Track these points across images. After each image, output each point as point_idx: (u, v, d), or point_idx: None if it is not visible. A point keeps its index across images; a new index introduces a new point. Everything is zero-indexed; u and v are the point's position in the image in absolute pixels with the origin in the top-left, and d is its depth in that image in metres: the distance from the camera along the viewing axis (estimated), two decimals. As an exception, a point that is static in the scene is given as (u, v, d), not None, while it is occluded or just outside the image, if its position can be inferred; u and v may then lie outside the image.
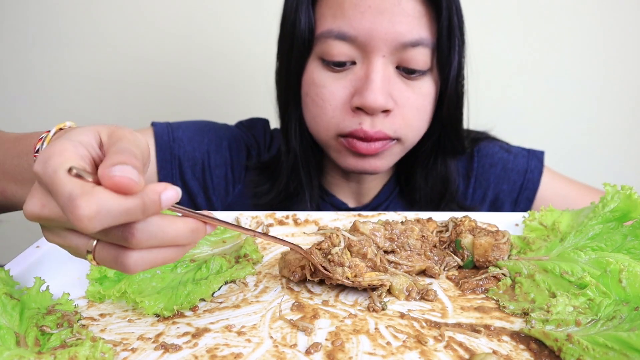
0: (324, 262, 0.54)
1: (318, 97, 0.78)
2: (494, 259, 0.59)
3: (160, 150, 0.88)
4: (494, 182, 0.94)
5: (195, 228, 0.43)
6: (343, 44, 0.74)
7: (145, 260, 0.42)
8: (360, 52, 0.74)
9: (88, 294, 0.53)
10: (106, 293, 0.52)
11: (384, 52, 0.73)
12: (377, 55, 0.73)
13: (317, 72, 0.77)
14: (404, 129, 0.78)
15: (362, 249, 0.56)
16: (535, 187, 0.93)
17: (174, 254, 0.43)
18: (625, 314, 0.45)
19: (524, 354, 0.44)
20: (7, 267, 0.53)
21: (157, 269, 0.56)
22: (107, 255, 0.41)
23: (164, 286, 0.53)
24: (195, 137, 0.91)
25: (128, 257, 0.40)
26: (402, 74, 0.76)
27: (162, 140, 0.88)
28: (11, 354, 0.39)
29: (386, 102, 0.73)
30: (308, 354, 0.44)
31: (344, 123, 0.76)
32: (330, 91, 0.76)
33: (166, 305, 0.50)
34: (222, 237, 0.64)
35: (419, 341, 0.46)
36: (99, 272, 0.54)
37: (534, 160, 0.94)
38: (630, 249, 0.55)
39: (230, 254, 0.62)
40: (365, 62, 0.75)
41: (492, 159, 0.95)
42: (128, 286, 0.51)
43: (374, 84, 0.72)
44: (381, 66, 0.73)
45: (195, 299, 0.52)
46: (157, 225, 0.41)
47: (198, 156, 0.90)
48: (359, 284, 0.53)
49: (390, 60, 0.74)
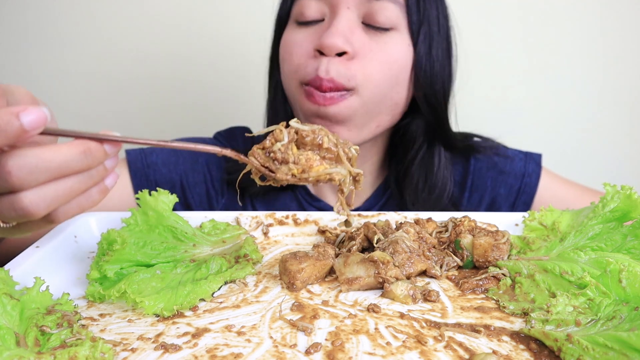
0: (266, 163, 0.49)
1: (287, 53, 0.82)
2: (493, 259, 0.59)
3: (135, 177, 0.88)
4: (490, 186, 0.93)
5: (87, 149, 0.40)
6: (312, 1, 0.78)
7: (45, 198, 0.39)
8: (328, 6, 0.78)
9: (88, 294, 0.53)
10: (106, 293, 0.52)
11: (349, 4, 0.76)
12: (342, 7, 0.76)
13: (291, 33, 0.82)
14: (360, 78, 0.77)
15: (316, 139, 0.50)
16: (533, 192, 0.92)
17: (77, 184, 0.41)
18: (625, 314, 0.45)
19: (523, 354, 0.44)
20: (7, 267, 0.53)
21: (156, 269, 0.56)
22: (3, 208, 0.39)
23: (164, 286, 0.53)
24: (170, 158, 0.91)
25: (22, 200, 0.39)
26: (367, 28, 0.78)
27: (137, 167, 0.89)
28: (11, 354, 0.39)
29: (343, 44, 0.75)
30: (308, 354, 0.44)
31: (305, 70, 0.78)
32: (298, 43, 0.80)
33: (166, 305, 0.50)
34: (222, 237, 0.65)
35: (418, 341, 0.45)
36: (99, 272, 0.54)
37: (532, 163, 0.93)
38: (630, 249, 0.55)
39: (230, 254, 0.62)
40: (331, 16, 0.78)
41: (489, 162, 0.94)
42: (128, 286, 0.51)
43: (333, 27, 0.75)
44: (345, 15, 0.76)
45: (195, 299, 0.52)
46: (36, 156, 0.38)
47: (175, 178, 0.91)
48: (306, 180, 0.48)
49: (355, 13, 0.77)
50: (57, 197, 0.40)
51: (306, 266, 0.56)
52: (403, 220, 0.70)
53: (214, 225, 0.67)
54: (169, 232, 0.61)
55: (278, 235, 0.70)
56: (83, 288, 0.55)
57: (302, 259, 0.56)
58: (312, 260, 0.57)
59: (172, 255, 0.59)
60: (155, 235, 0.61)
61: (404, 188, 0.88)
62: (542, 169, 0.94)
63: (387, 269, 0.55)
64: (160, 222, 0.61)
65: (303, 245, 0.68)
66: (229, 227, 0.67)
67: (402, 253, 0.57)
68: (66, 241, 0.64)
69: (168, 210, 0.62)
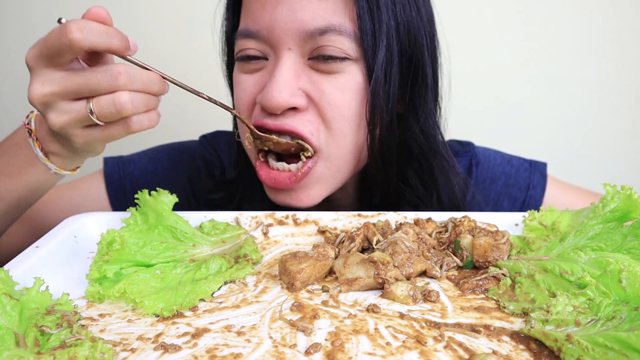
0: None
1: (236, 97, 0.75)
2: (493, 259, 0.59)
3: (111, 188, 0.87)
4: (494, 199, 0.89)
5: (162, 79, 0.56)
6: (250, 41, 0.70)
7: (134, 100, 0.53)
8: (269, 48, 0.70)
9: (87, 294, 0.53)
10: (105, 293, 0.52)
11: (290, 45, 0.67)
12: (283, 49, 0.68)
13: (237, 72, 0.75)
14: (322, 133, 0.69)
15: None
16: (538, 204, 0.87)
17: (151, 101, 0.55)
18: (625, 314, 0.45)
19: (523, 354, 0.44)
20: (7, 267, 0.53)
21: (156, 269, 0.56)
22: (104, 103, 0.53)
23: (164, 286, 0.53)
24: (148, 168, 0.89)
25: (122, 96, 0.52)
26: (317, 67, 0.68)
27: (113, 178, 0.88)
28: (11, 354, 0.39)
29: (289, 99, 0.66)
30: (308, 354, 0.44)
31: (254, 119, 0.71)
32: (243, 88, 0.73)
33: (166, 305, 0.50)
34: (221, 237, 0.64)
35: (418, 341, 0.45)
36: (99, 272, 0.54)
37: (537, 174, 0.89)
38: (630, 249, 0.55)
39: (230, 254, 0.62)
40: (274, 58, 0.70)
41: (494, 174, 0.89)
42: (127, 286, 0.51)
43: (274, 80, 0.66)
44: (288, 60, 0.67)
45: (194, 299, 0.52)
46: (135, 70, 0.53)
47: (152, 188, 0.89)
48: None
49: (299, 53, 0.68)
50: (141, 104, 0.54)
51: (306, 267, 0.56)
52: (403, 221, 0.70)
53: (213, 225, 0.67)
54: (169, 232, 0.61)
55: (278, 235, 0.70)
56: (83, 288, 0.55)
57: (302, 260, 0.56)
58: (312, 260, 0.57)
59: (172, 256, 0.59)
60: (155, 235, 0.61)
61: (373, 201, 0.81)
62: (548, 179, 0.90)
63: (387, 270, 0.55)
64: (160, 222, 0.62)
65: (303, 245, 0.68)
66: (228, 227, 0.67)
67: (401, 253, 0.57)
68: (66, 241, 0.64)
69: (168, 211, 0.62)
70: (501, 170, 0.89)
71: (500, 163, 0.91)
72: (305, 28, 0.66)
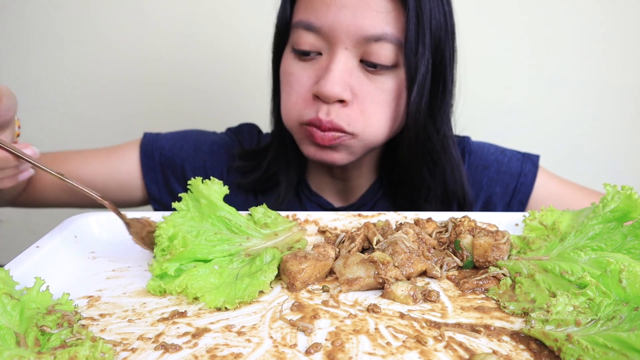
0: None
1: (287, 84, 0.82)
2: (493, 259, 0.59)
3: (144, 157, 0.96)
4: (486, 185, 0.94)
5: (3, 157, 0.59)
6: (310, 34, 0.77)
7: None
8: (326, 44, 0.77)
9: (149, 287, 0.54)
10: (167, 287, 0.53)
11: (347, 45, 0.75)
12: (340, 47, 0.75)
13: (289, 61, 0.81)
14: (360, 123, 0.78)
15: None
16: (529, 191, 0.93)
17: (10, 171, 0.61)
18: (625, 314, 0.45)
19: (523, 354, 0.44)
20: (7, 267, 0.53)
21: (214, 264, 0.57)
22: None
23: (222, 282, 0.55)
24: (176, 143, 0.98)
25: None
26: (366, 68, 0.77)
27: (146, 147, 0.97)
28: (11, 354, 0.39)
29: (342, 92, 0.75)
30: (308, 354, 0.44)
31: (304, 110, 0.79)
32: (297, 79, 0.80)
33: (227, 299, 0.51)
34: (274, 230, 0.64)
35: (418, 341, 0.46)
36: (160, 269, 0.55)
37: (529, 163, 0.94)
38: (630, 249, 0.55)
39: (283, 247, 0.62)
40: (329, 54, 0.77)
41: (486, 161, 0.94)
42: (188, 282, 0.53)
43: (331, 74, 0.75)
44: (343, 58, 0.75)
45: (254, 292, 0.53)
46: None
47: (177, 162, 0.97)
48: None
49: (353, 53, 0.76)
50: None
51: (306, 267, 0.56)
52: (403, 221, 0.70)
53: (264, 213, 0.66)
54: (223, 224, 0.61)
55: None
56: (83, 288, 0.55)
57: (303, 260, 0.56)
58: (313, 260, 0.57)
59: (228, 250, 0.60)
60: (208, 225, 0.61)
61: (393, 186, 0.90)
62: (539, 169, 0.94)
63: (387, 270, 0.55)
64: (213, 211, 0.61)
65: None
66: (279, 218, 0.67)
67: (401, 253, 0.57)
68: (66, 241, 0.64)
69: (220, 200, 0.62)
70: (494, 158, 0.95)
71: (494, 152, 0.96)
72: (364, 33, 0.74)
